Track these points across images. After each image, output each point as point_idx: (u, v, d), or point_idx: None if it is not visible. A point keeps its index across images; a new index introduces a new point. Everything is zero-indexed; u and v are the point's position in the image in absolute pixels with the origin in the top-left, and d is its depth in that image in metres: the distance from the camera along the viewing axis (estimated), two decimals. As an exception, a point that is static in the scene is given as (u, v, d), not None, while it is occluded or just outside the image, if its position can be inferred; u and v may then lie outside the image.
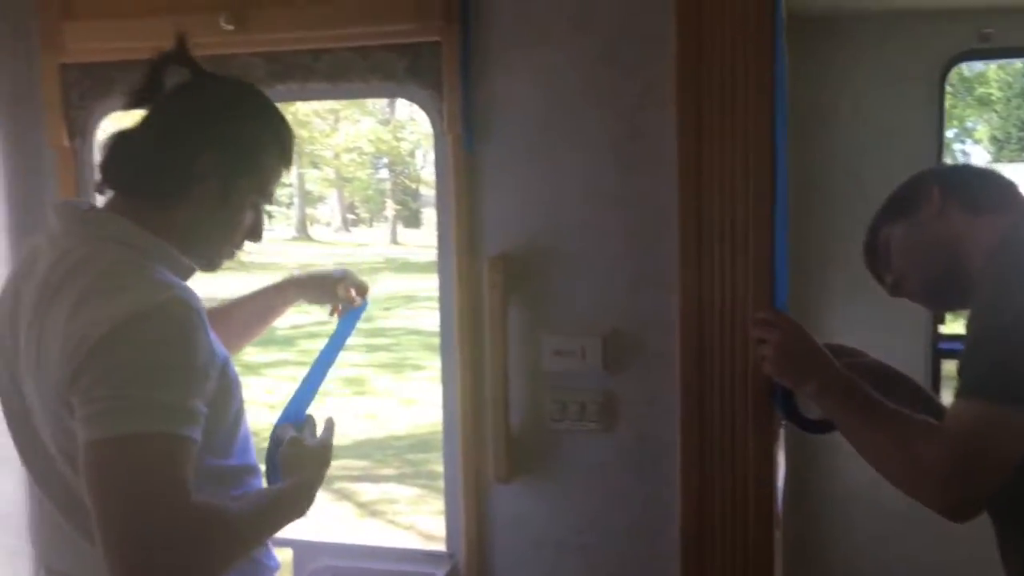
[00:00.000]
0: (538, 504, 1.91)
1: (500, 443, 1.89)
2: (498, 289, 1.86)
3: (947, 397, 1.59)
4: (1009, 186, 1.57)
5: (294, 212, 23.55)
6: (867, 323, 2.26)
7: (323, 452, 1.52)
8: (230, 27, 1.85)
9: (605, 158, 1.82)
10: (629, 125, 1.80)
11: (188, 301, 1.23)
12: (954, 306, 1.68)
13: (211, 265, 1.42)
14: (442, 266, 1.93)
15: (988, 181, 1.57)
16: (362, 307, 1.83)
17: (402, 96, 1.95)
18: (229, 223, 1.40)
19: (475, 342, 1.90)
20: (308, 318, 14.60)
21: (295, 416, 1.61)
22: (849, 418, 1.46)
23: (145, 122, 1.37)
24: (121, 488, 1.12)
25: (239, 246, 1.45)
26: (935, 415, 1.42)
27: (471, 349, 1.90)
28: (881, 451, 1.38)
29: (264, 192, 1.43)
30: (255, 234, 1.45)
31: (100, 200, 1.41)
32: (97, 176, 1.39)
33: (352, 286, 1.81)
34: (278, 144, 1.42)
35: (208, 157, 1.34)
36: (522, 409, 1.91)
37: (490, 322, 1.88)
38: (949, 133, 32.23)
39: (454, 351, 1.92)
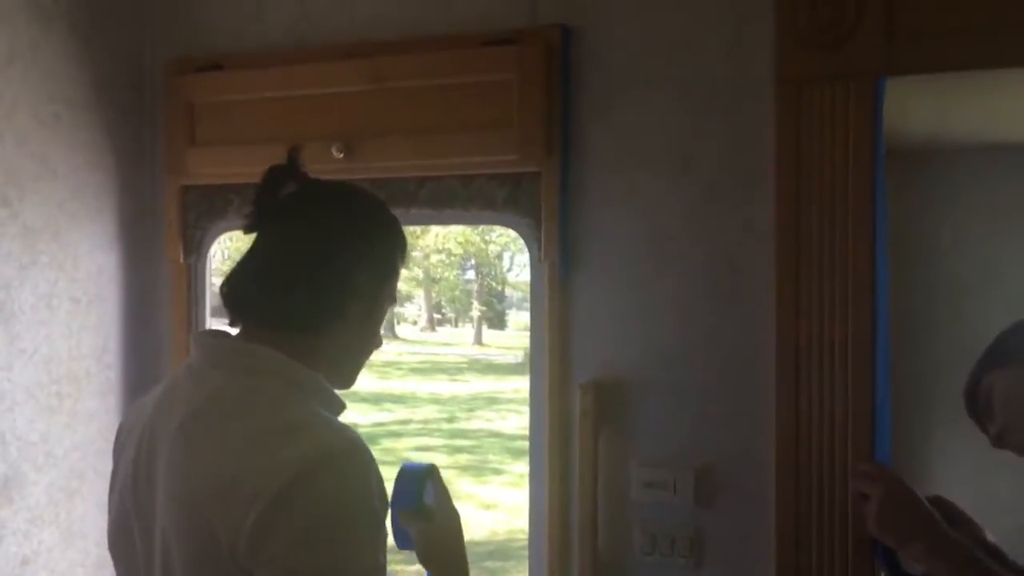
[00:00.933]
0: (625, 639, 1.87)
1: (587, 569, 1.86)
2: (589, 416, 1.86)
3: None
4: None
5: (382, 310, 23.88)
6: (970, 469, 2.17)
7: (446, 519, 1.37)
8: (340, 155, 1.95)
9: (702, 290, 1.83)
10: (727, 259, 1.82)
11: (364, 443, 1.16)
12: None
13: (348, 385, 1.35)
14: (534, 391, 1.95)
15: None
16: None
17: (501, 224, 2.01)
18: (372, 339, 1.36)
19: (564, 466, 1.89)
20: (390, 416, 14.76)
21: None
22: None
23: (278, 246, 1.29)
24: None
25: (369, 358, 1.39)
26: None
27: (561, 472, 1.89)
28: None
29: (395, 297, 1.38)
30: (380, 342, 1.38)
31: (229, 327, 1.33)
32: (228, 304, 1.30)
33: None
34: (403, 244, 1.38)
35: (361, 274, 1.29)
36: (610, 537, 1.88)
37: (580, 448, 1.87)
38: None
39: (543, 469, 1.91)
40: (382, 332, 1.40)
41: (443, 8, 1.99)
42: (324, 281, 1.26)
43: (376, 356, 1.42)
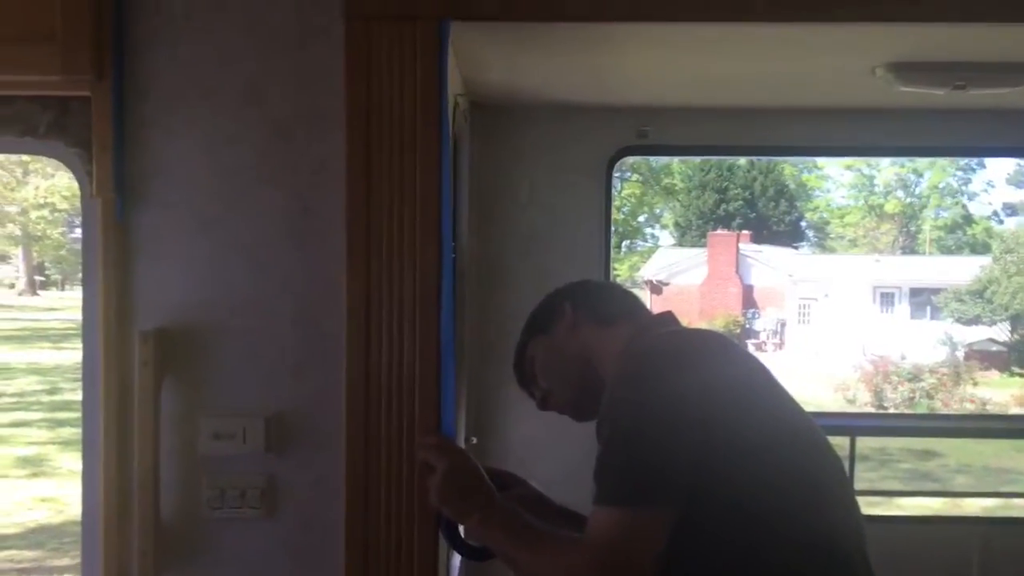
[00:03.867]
0: (190, 601, 1.76)
1: (148, 535, 1.73)
2: (150, 366, 1.72)
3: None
4: (632, 297, 1.71)
5: (-32, 272, 21.15)
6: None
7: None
8: None
9: (274, 232, 1.75)
10: (300, 201, 1.76)
11: None
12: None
13: None
14: (87, 340, 1.76)
15: (614, 294, 1.69)
16: None
17: (44, 154, 1.78)
18: None
19: (123, 423, 1.73)
20: None
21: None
22: (506, 545, 1.48)
23: None
24: None
25: None
26: None
27: (118, 431, 1.73)
28: (538, 571, 1.42)
29: None
30: None
31: None
32: None
33: None
34: None
35: None
36: (175, 496, 1.76)
37: (140, 401, 1.72)
38: (641, 218, 35.42)
39: (98, 433, 1.74)
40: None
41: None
42: None
43: None
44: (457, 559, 2.02)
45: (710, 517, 1.32)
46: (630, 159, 2.80)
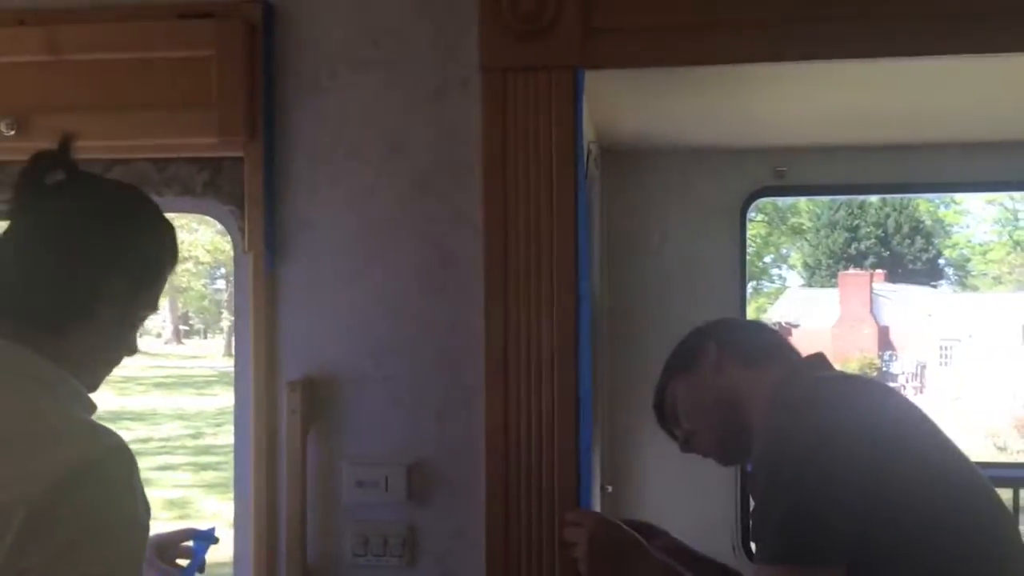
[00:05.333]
0: (337, 649, 1.78)
1: (295, 578, 1.76)
2: (297, 414, 1.77)
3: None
4: (779, 336, 1.66)
5: (122, 322, 22.41)
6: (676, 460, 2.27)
7: None
8: (11, 132, 1.74)
9: (412, 282, 1.79)
10: (438, 251, 1.79)
11: (126, 445, 1.12)
12: (743, 460, 1.70)
13: (94, 388, 1.27)
14: (239, 389, 1.83)
15: (761, 334, 1.64)
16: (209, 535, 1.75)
17: (201, 212, 1.87)
18: (124, 344, 1.29)
19: (272, 470, 1.79)
20: (129, 435, 13.80)
21: None
22: None
23: (30, 236, 1.22)
24: None
25: (119, 364, 1.32)
26: None
27: (267, 477, 1.78)
28: None
29: (156, 306, 1.33)
30: (134, 349, 1.32)
31: None
32: None
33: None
34: (173, 253, 1.33)
35: (117, 278, 1.23)
36: (321, 543, 1.79)
37: (288, 449, 1.77)
38: (767, 259, 34.62)
39: (249, 479, 1.79)
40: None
41: (133, -24, 1.82)
42: (70, 280, 1.20)
43: (116, 371, 1.35)
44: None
45: (879, 568, 1.25)
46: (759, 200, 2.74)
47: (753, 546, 1.30)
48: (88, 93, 1.77)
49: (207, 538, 1.74)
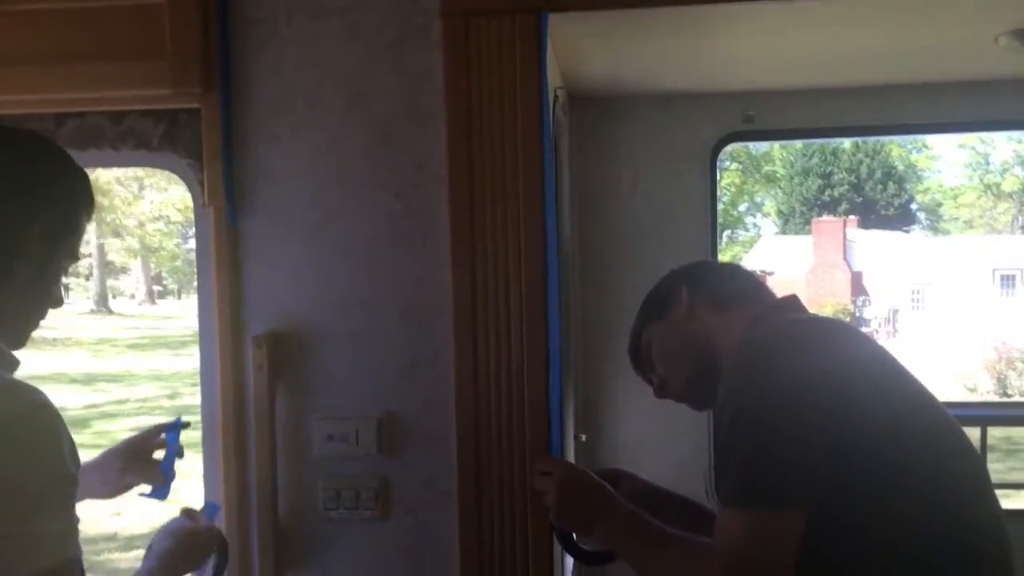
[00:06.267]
0: (310, 602, 1.78)
1: (267, 537, 1.76)
2: (264, 370, 1.75)
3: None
4: (754, 279, 1.62)
5: (93, 284, 22.23)
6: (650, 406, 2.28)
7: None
8: (-42, 87, 1.68)
9: (378, 234, 1.76)
10: (404, 202, 1.76)
11: (47, 400, 1.10)
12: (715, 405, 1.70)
13: (20, 345, 1.23)
14: (204, 346, 1.80)
15: (733, 277, 1.61)
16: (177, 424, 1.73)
17: (158, 166, 1.82)
18: (46, 296, 1.24)
19: (240, 427, 1.77)
20: (105, 396, 13.73)
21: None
22: (634, 552, 1.46)
23: None
24: None
25: (45, 317, 1.28)
26: (709, 521, 1.41)
27: (236, 434, 1.77)
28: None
29: (76, 255, 1.28)
30: (59, 301, 1.28)
31: None
32: None
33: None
34: (87, 199, 1.27)
35: (31, 232, 1.18)
36: (292, 498, 1.79)
37: (256, 406, 1.75)
38: (741, 207, 34.69)
39: (217, 436, 1.78)
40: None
41: (82, -78, 1.76)
42: None
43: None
44: (570, 561, 1.99)
45: (845, 510, 1.24)
46: (730, 147, 2.72)
47: (716, 489, 1.30)
48: (36, 45, 1.71)
49: (176, 426, 1.72)
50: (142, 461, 1.69)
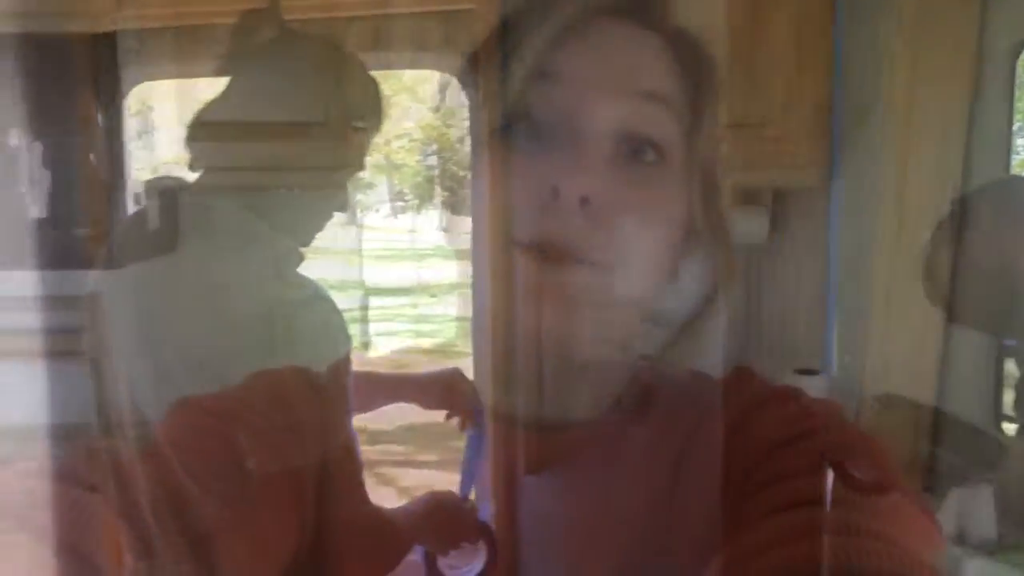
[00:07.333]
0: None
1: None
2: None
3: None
4: None
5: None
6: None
7: None
8: (259, -5, 1.76)
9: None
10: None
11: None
12: None
13: (307, 243, 1.36)
14: (476, 258, 1.83)
15: None
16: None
17: (436, 68, 1.85)
18: (333, 200, 1.39)
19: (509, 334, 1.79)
20: (355, 302, 14.71)
21: None
22: None
23: (250, 94, 1.26)
24: None
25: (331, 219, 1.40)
26: None
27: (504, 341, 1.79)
28: None
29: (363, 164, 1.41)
30: (344, 205, 1.43)
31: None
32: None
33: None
34: (378, 110, 1.38)
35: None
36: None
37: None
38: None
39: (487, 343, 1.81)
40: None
41: None
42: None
43: (337, 244, 1.44)
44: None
45: None
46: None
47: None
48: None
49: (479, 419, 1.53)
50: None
